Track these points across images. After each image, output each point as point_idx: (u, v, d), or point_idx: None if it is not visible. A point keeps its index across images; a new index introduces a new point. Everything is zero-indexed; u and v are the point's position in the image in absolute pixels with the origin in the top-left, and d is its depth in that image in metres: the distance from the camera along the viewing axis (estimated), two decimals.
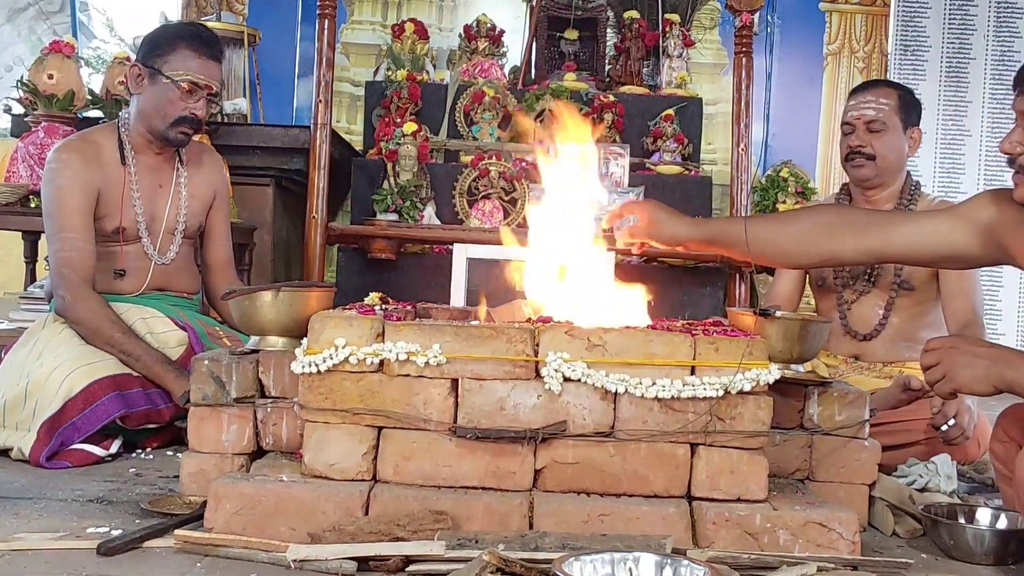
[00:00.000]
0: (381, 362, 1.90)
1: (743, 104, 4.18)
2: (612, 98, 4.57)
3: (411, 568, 1.67)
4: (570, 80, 4.67)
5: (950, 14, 5.07)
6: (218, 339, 2.87)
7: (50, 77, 3.83)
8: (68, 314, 2.71)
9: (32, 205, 3.78)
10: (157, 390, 2.64)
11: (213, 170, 3.11)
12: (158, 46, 2.85)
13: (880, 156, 2.90)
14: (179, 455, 2.19)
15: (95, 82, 4.82)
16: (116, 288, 2.87)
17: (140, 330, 2.76)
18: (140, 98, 2.86)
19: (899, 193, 2.97)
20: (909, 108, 2.97)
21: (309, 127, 4.02)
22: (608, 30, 4.97)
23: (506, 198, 4.30)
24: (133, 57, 4.27)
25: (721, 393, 1.87)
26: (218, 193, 3.11)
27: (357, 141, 4.96)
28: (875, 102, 2.93)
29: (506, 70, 4.89)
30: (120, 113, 3.05)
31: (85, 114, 4.00)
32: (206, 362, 2.09)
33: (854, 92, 3.05)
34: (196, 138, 3.07)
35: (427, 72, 4.74)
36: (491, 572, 1.59)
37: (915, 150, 3.02)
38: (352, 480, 1.90)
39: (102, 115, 3.97)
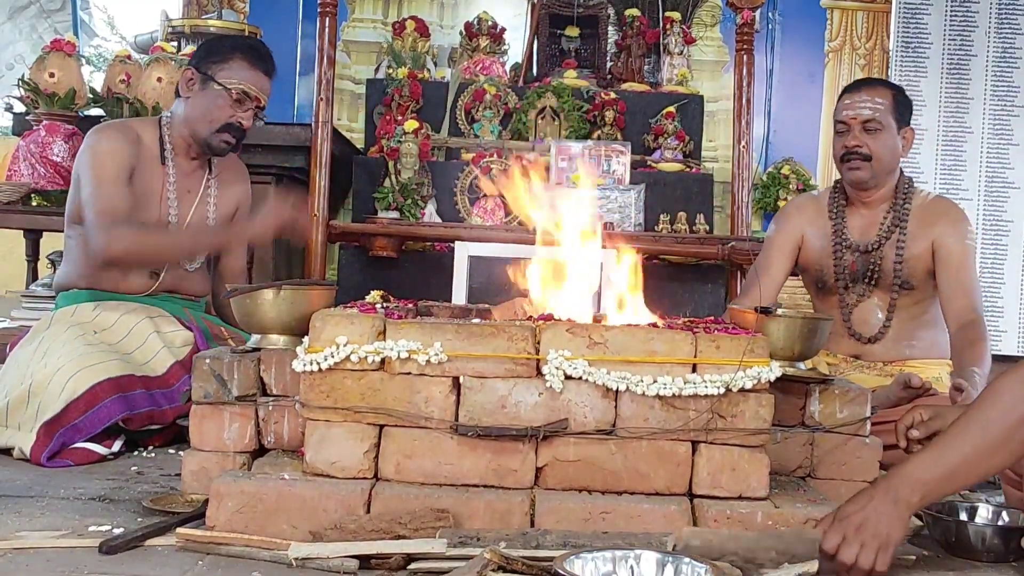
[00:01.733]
0: (382, 360, 1.90)
1: (744, 101, 4.19)
2: (613, 95, 4.57)
3: (413, 566, 1.67)
4: (571, 78, 4.67)
5: (951, 11, 5.05)
6: (223, 340, 2.87)
7: (51, 75, 3.84)
8: (111, 253, 2.72)
9: (34, 203, 3.78)
10: (161, 391, 2.65)
11: (239, 183, 3.14)
12: (214, 53, 2.92)
13: (876, 157, 2.88)
14: (181, 453, 2.19)
15: (96, 80, 4.83)
16: (125, 287, 2.88)
17: (147, 329, 2.75)
18: (188, 102, 2.90)
19: (893, 192, 2.97)
20: (903, 108, 2.95)
21: (310, 125, 4.02)
22: (609, 27, 4.97)
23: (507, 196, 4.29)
24: (134, 55, 4.29)
25: (722, 391, 1.87)
26: (240, 206, 3.13)
27: (358, 139, 4.95)
28: (871, 101, 2.89)
29: (507, 67, 4.89)
30: (163, 112, 3.08)
31: (86, 113, 4.00)
32: (208, 360, 2.09)
33: (848, 91, 3.00)
34: None
35: (428, 70, 4.74)
36: (492, 570, 1.59)
37: (907, 150, 3.01)
38: (353, 478, 1.90)
39: (103, 113, 3.97)
